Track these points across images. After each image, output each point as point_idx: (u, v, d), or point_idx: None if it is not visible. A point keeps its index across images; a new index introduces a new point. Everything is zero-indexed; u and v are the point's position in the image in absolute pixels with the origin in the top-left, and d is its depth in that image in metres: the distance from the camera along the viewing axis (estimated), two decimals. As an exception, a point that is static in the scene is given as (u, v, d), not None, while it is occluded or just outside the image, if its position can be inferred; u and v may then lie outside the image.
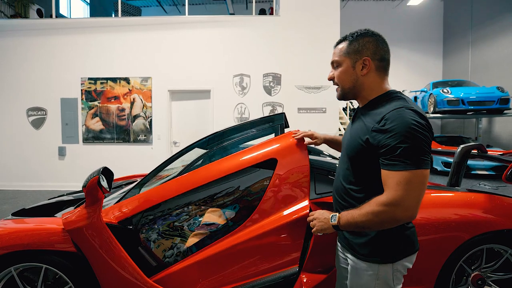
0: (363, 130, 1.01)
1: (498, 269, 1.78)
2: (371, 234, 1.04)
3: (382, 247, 1.04)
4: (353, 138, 1.07)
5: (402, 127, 0.89)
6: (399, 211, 0.90)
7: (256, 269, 1.57)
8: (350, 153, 1.07)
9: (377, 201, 0.93)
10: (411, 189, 0.89)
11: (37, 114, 6.39)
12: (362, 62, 1.04)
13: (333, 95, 6.35)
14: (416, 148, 0.88)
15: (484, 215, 1.71)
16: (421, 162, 0.89)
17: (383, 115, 0.95)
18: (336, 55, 1.10)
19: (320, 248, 1.74)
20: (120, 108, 6.37)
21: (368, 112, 1.05)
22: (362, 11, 12.02)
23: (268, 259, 1.58)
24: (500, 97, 7.51)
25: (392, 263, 1.03)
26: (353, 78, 1.07)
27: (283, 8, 6.30)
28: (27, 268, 1.67)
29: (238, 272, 1.57)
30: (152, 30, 6.37)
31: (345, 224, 1.00)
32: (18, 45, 6.37)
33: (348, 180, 1.10)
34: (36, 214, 2.03)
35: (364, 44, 1.04)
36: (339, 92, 1.14)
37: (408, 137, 0.88)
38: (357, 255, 1.09)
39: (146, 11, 12.67)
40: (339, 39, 1.12)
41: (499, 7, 9.44)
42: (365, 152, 1.00)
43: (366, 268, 1.05)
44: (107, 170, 1.53)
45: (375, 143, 0.95)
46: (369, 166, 1.01)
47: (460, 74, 11.06)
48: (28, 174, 6.40)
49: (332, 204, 1.25)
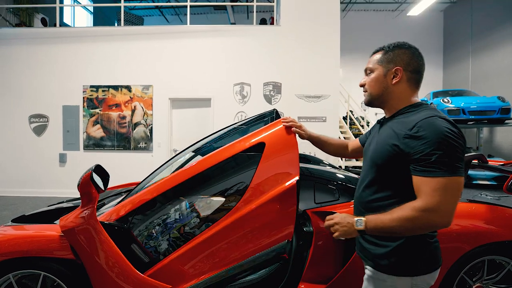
0: (393, 137, 1.02)
1: (500, 281, 1.75)
2: (392, 245, 1.03)
3: (402, 259, 1.02)
4: (380, 145, 1.07)
5: (436, 134, 0.91)
6: (436, 217, 0.90)
7: (249, 248, 1.54)
8: (378, 160, 1.06)
9: (413, 207, 0.92)
10: (448, 195, 0.89)
11: (39, 121, 6.42)
12: (394, 71, 1.07)
13: (333, 104, 6.39)
14: (451, 155, 0.90)
15: (486, 226, 1.69)
16: (456, 169, 0.90)
17: (416, 123, 0.96)
18: (370, 63, 1.14)
19: (318, 258, 1.72)
20: (121, 116, 6.40)
21: (397, 121, 1.06)
22: (363, 21, 12.17)
23: (260, 234, 1.54)
24: (501, 107, 7.50)
25: (411, 277, 1.02)
26: (383, 85, 1.09)
27: (284, 18, 6.39)
28: (25, 275, 1.66)
29: (231, 253, 1.54)
30: (153, 39, 6.45)
31: (372, 228, 0.97)
32: (22, 53, 6.45)
33: (374, 189, 1.09)
34: (35, 220, 2.02)
35: (399, 54, 1.07)
36: (366, 98, 1.16)
37: (443, 144, 0.90)
38: (376, 266, 1.07)
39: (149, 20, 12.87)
40: (376, 49, 1.16)
41: (498, 18, 9.54)
42: (395, 159, 1.00)
43: (384, 279, 1.04)
44: (101, 168, 1.53)
45: (407, 149, 0.96)
46: (397, 173, 1.01)
47: (460, 84, 11.12)
48: (28, 181, 6.40)
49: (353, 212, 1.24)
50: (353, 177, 2.21)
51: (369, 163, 1.13)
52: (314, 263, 1.71)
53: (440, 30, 12.35)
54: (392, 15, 12.17)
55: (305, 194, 1.91)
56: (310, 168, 2.15)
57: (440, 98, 8.04)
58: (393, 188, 1.04)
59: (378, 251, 1.07)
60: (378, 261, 1.07)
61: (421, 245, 1.02)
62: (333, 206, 1.82)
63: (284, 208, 1.49)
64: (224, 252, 1.53)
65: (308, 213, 1.81)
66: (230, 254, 1.52)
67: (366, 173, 1.14)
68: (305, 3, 6.33)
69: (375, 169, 1.08)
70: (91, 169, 1.43)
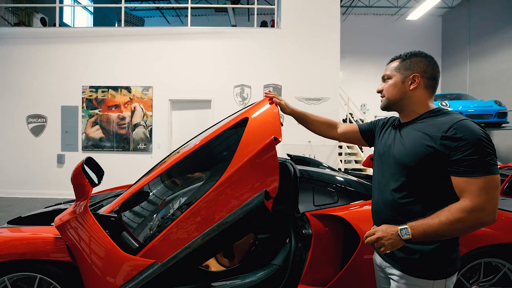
0: (426, 138, 1.04)
1: (496, 283, 1.77)
2: (426, 250, 1.06)
3: (438, 263, 1.05)
4: (411, 147, 1.07)
5: (474, 136, 0.95)
6: (485, 215, 0.93)
7: (233, 204, 1.49)
8: (409, 162, 1.07)
9: (462, 208, 0.94)
10: (492, 193, 0.94)
11: (37, 122, 6.39)
12: (411, 78, 1.12)
13: (333, 107, 6.40)
14: (489, 154, 0.95)
15: (483, 228, 1.70)
16: (494, 166, 0.95)
17: (451, 125, 0.99)
18: (388, 70, 1.19)
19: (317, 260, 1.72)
20: (121, 117, 6.38)
21: (425, 124, 1.08)
22: (363, 24, 12.23)
23: (243, 191, 1.50)
24: (498, 111, 7.55)
25: (445, 279, 1.06)
26: (401, 91, 1.14)
27: (285, 20, 6.41)
28: (20, 278, 1.64)
29: (214, 213, 1.49)
30: (154, 40, 6.45)
31: (420, 235, 0.97)
32: (20, 52, 6.43)
33: (405, 192, 1.09)
34: (32, 222, 2.01)
35: (416, 62, 1.12)
36: (384, 103, 1.20)
37: (482, 146, 0.95)
38: (410, 271, 1.08)
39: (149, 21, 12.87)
40: (393, 57, 1.21)
41: (495, 23, 9.62)
42: (430, 160, 1.02)
43: (420, 285, 1.06)
44: (94, 162, 1.53)
45: (445, 151, 0.98)
46: (430, 175, 1.03)
47: (458, 88, 11.18)
48: (26, 181, 6.36)
49: (372, 217, 1.24)
50: (352, 180, 2.20)
51: (395, 166, 1.12)
52: (312, 266, 1.71)
53: (439, 34, 12.43)
54: (392, 19, 12.24)
55: (304, 197, 1.91)
56: (309, 170, 2.15)
57: (439, 102, 8.07)
58: (426, 191, 1.05)
59: (412, 257, 1.08)
60: (413, 266, 1.08)
61: (452, 248, 1.07)
62: (332, 209, 1.82)
63: (266, 163, 1.48)
64: (207, 212, 1.48)
65: (307, 216, 1.80)
66: (213, 214, 1.48)
67: (393, 176, 1.13)
68: (306, 6, 6.36)
69: (405, 172, 1.08)
70: (82, 161, 1.45)
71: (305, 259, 1.72)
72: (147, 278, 1.36)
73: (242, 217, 1.41)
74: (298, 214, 1.85)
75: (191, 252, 1.40)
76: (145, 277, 1.36)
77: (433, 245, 1.05)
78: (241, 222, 1.42)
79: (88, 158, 1.51)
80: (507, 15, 9.20)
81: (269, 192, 1.45)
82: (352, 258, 1.63)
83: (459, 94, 9.07)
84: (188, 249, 1.40)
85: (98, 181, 1.51)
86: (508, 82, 9.14)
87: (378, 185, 1.21)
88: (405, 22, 11.76)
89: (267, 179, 1.48)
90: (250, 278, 1.78)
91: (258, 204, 1.40)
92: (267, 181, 1.48)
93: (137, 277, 1.39)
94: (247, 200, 1.46)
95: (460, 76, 11.25)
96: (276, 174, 1.48)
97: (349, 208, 1.80)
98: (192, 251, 1.40)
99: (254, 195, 1.45)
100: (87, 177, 1.42)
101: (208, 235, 1.41)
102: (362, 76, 11.83)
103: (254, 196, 1.43)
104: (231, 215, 1.43)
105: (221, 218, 1.46)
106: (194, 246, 1.40)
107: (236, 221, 1.41)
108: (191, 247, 1.40)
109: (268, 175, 1.48)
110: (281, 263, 1.82)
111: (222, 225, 1.42)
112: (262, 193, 1.42)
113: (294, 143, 6.29)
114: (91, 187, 1.46)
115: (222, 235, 1.42)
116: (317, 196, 1.92)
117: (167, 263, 1.40)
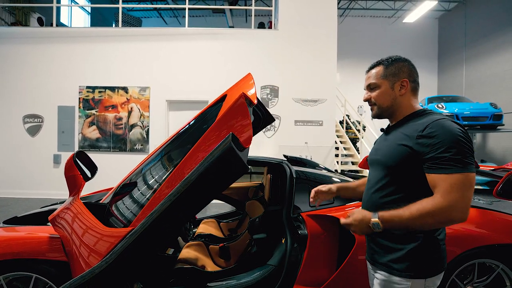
0: (404, 139, 1.07)
1: (490, 283, 1.78)
2: (406, 249, 1.06)
3: (417, 262, 1.06)
4: (391, 148, 1.11)
5: (449, 134, 0.97)
6: (455, 212, 0.94)
7: (199, 158, 1.37)
8: (389, 162, 1.10)
9: (432, 203, 0.95)
10: (464, 190, 0.94)
11: (33, 121, 6.36)
12: (400, 83, 1.14)
13: (329, 108, 6.42)
14: (465, 152, 0.96)
15: (477, 229, 1.73)
16: (470, 165, 0.95)
17: (427, 125, 1.02)
18: (372, 78, 1.18)
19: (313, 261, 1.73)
20: (118, 117, 6.37)
21: (406, 125, 1.11)
22: (360, 26, 12.30)
23: (210, 138, 1.41)
24: (493, 113, 7.62)
25: (424, 279, 1.05)
26: (392, 98, 1.15)
27: (282, 22, 6.43)
28: (16, 277, 1.64)
29: (185, 168, 1.40)
30: (151, 41, 6.45)
31: (390, 227, 1.00)
32: (17, 52, 6.40)
33: (386, 191, 1.12)
34: (28, 222, 2.00)
35: (400, 67, 1.14)
36: (375, 111, 1.20)
37: (457, 143, 0.96)
38: (389, 269, 1.10)
39: (147, 22, 12.86)
40: (372, 64, 1.21)
41: (491, 26, 9.72)
42: (407, 160, 1.05)
43: (398, 282, 1.07)
44: (86, 155, 1.54)
45: (420, 149, 1.01)
46: (409, 174, 1.06)
47: (454, 90, 11.27)
48: (22, 182, 6.32)
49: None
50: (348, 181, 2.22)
51: (379, 167, 1.16)
52: (308, 266, 1.72)
53: (435, 37, 12.53)
54: (389, 21, 12.32)
55: (300, 197, 1.92)
56: (305, 171, 2.16)
57: (435, 104, 8.13)
58: (406, 190, 1.07)
59: (392, 255, 1.10)
60: (392, 265, 1.09)
61: (433, 248, 1.07)
62: (328, 210, 1.83)
63: (235, 113, 1.37)
64: (178, 173, 1.38)
65: (303, 216, 1.81)
66: (183, 173, 1.35)
67: (376, 177, 1.17)
68: (303, 8, 6.39)
69: (386, 172, 1.12)
70: (74, 153, 1.46)
71: (300, 260, 1.73)
72: (123, 247, 1.25)
73: (210, 167, 1.21)
74: (294, 215, 1.86)
75: (161, 215, 1.25)
76: (122, 246, 1.26)
77: (412, 244, 1.06)
78: (209, 173, 1.22)
79: (79, 151, 1.51)
80: (503, 18, 9.30)
81: (241, 141, 1.30)
82: (347, 258, 1.65)
83: (455, 97, 9.15)
84: (156, 213, 1.25)
85: (92, 175, 1.51)
86: (503, 85, 9.23)
87: (367, 189, 1.24)
88: (402, 24, 11.86)
89: (236, 125, 1.35)
90: (246, 278, 1.79)
91: (225, 148, 1.19)
92: (236, 127, 1.35)
93: (116, 246, 1.29)
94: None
95: (456, 79, 11.34)
96: (248, 120, 1.33)
97: (345, 209, 1.82)
98: (161, 213, 1.25)
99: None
100: (79, 169, 1.42)
101: (176, 194, 1.25)
102: (359, 78, 11.88)
103: (221, 142, 1.24)
104: (197, 167, 1.24)
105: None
106: (163, 208, 1.24)
107: (203, 173, 1.21)
108: (159, 210, 1.25)
109: (238, 122, 1.35)
110: (277, 264, 1.82)
111: (189, 180, 1.23)
112: (228, 136, 1.23)
113: (291, 145, 6.31)
114: (84, 180, 1.46)
115: (191, 192, 1.24)
116: None
117: (138, 229, 1.26)
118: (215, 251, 2.28)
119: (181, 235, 2.37)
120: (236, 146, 1.24)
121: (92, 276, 1.22)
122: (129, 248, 1.24)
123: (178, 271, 1.81)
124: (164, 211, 1.23)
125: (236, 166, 1.24)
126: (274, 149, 6.37)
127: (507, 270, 1.76)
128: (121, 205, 1.70)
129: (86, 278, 1.22)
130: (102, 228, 1.43)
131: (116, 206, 1.71)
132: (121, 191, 1.82)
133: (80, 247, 1.44)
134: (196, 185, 1.23)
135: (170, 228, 1.33)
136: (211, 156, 1.21)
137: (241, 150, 1.26)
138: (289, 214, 1.88)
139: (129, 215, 1.55)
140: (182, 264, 1.89)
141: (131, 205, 1.64)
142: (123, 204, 1.70)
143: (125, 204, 1.68)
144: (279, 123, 6.47)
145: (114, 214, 1.62)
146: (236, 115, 1.36)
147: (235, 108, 1.36)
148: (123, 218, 1.56)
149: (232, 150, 1.19)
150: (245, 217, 2.79)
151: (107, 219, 1.62)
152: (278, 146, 6.35)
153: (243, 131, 1.33)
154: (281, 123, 6.49)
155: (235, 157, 1.20)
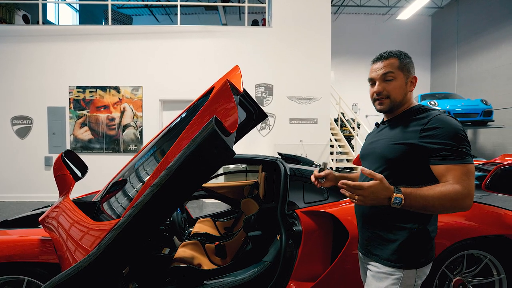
0: (408, 134, 1.07)
1: (478, 274, 1.85)
2: (399, 240, 1.07)
3: (409, 253, 1.07)
4: (394, 141, 1.10)
5: (451, 127, 1.01)
6: (469, 199, 0.96)
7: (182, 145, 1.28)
8: (390, 155, 1.09)
9: (452, 188, 0.94)
10: (471, 180, 0.98)
11: (22, 123, 6.23)
12: (411, 79, 1.14)
13: (324, 106, 6.43)
14: (465, 146, 1.00)
15: (465, 222, 1.79)
16: (470, 157, 1.00)
17: (429, 119, 1.04)
18: (389, 67, 1.11)
19: (308, 256, 1.75)
20: (110, 118, 6.29)
21: (405, 121, 1.12)
22: (354, 24, 12.36)
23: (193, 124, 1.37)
24: (484, 110, 7.77)
25: (416, 269, 1.07)
26: (404, 92, 1.14)
27: (276, 19, 6.42)
28: (8, 281, 1.60)
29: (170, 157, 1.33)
30: (143, 39, 6.37)
31: (409, 205, 0.94)
32: (2, 51, 6.22)
33: None
34: (19, 225, 1.98)
35: (410, 63, 1.14)
36: (387, 105, 1.14)
37: (459, 136, 1.00)
38: (382, 260, 1.11)
39: (138, 20, 12.72)
40: (384, 54, 1.14)
41: (483, 24, 9.86)
42: (411, 153, 1.05)
43: (391, 273, 1.08)
44: (75, 155, 1.51)
45: (425, 143, 1.02)
46: (410, 166, 1.06)
47: (447, 87, 11.41)
48: (12, 185, 6.19)
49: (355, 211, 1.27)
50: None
51: (376, 159, 1.15)
52: (303, 262, 1.74)
53: (428, 34, 12.65)
54: (382, 18, 12.40)
55: (294, 194, 1.93)
56: (300, 168, 2.16)
57: (428, 101, 8.24)
58: (404, 183, 1.03)
59: (385, 246, 1.10)
60: (385, 256, 1.10)
61: (425, 239, 1.08)
62: (322, 206, 1.84)
63: (218, 98, 1.33)
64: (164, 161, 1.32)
65: (298, 213, 1.83)
66: (167, 162, 1.26)
67: (372, 169, 1.12)
68: (297, 5, 6.38)
69: (387, 165, 1.11)
70: (62, 152, 1.45)
71: (295, 256, 1.74)
72: (110, 240, 1.20)
73: (192, 153, 1.14)
74: (288, 212, 1.86)
75: (145, 205, 1.19)
76: (108, 239, 1.21)
77: (406, 235, 1.07)
78: (193, 159, 1.16)
79: (68, 150, 1.49)
80: (494, 15, 9.43)
81: (225, 126, 1.22)
82: (341, 253, 1.67)
83: (447, 94, 9.28)
84: (141, 204, 1.19)
85: (82, 175, 1.48)
86: (494, 82, 9.38)
87: (361, 181, 1.18)
88: (396, 21, 11.95)
89: (220, 109, 1.29)
90: (242, 275, 1.79)
91: (208, 133, 1.12)
92: (220, 111, 1.28)
93: (103, 240, 1.24)
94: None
95: (449, 76, 11.48)
96: (232, 103, 1.26)
97: (339, 205, 1.83)
98: (145, 204, 1.19)
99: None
100: (68, 169, 1.39)
101: (159, 183, 1.18)
102: (353, 75, 11.95)
103: (203, 126, 1.17)
104: (179, 155, 1.17)
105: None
106: (146, 199, 1.19)
107: (185, 160, 1.15)
108: (143, 201, 1.19)
109: (221, 105, 1.29)
110: (272, 260, 1.83)
111: (171, 169, 1.17)
112: (211, 120, 1.16)
113: (286, 143, 6.31)
114: (74, 180, 1.43)
115: (174, 180, 1.18)
116: (308, 194, 1.94)
117: (123, 221, 1.21)
118: (211, 249, 2.28)
119: (176, 235, 2.35)
120: (221, 130, 1.17)
121: (77, 272, 1.17)
122: (115, 240, 1.20)
123: (174, 270, 1.79)
124: (148, 202, 1.18)
125: (222, 151, 1.16)
126: (269, 147, 6.36)
127: (494, 260, 1.84)
128: (111, 200, 1.68)
129: (71, 274, 1.17)
130: (89, 222, 1.39)
131: (107, 202, 1.69)
132: (111, 188, 1.79)
133: (67, 241, 1.39)
134: (179, 173, 1.16)
135: (157, 218, 1.26)
136: (193, 143, 1.14)
137: (226, 135, 1.20)
138: (284, 211, 1.88)
139: (119, 209, 1.50)
140: (178, 263, 1.88)
141: (121, 199, 1.60)
142: (113, 200, 1.68)
143: (116, 199, 1.66)
144: (274, 121, 6.46)
145: (104, 210, 1.60)
146: (219, 99, 1.32)
147: (218, 94, 1.33)
148: (113, 213, 1.53)
149: (216, 133, 1.12)
150: (241, 215, 2.78)
151: (97, 216, 1.60)
152: (273, 144, 6.35)
153: (228, 114, 1.26)
154: (276, 121, 6.48)
155: (219, 140, 1.13)
